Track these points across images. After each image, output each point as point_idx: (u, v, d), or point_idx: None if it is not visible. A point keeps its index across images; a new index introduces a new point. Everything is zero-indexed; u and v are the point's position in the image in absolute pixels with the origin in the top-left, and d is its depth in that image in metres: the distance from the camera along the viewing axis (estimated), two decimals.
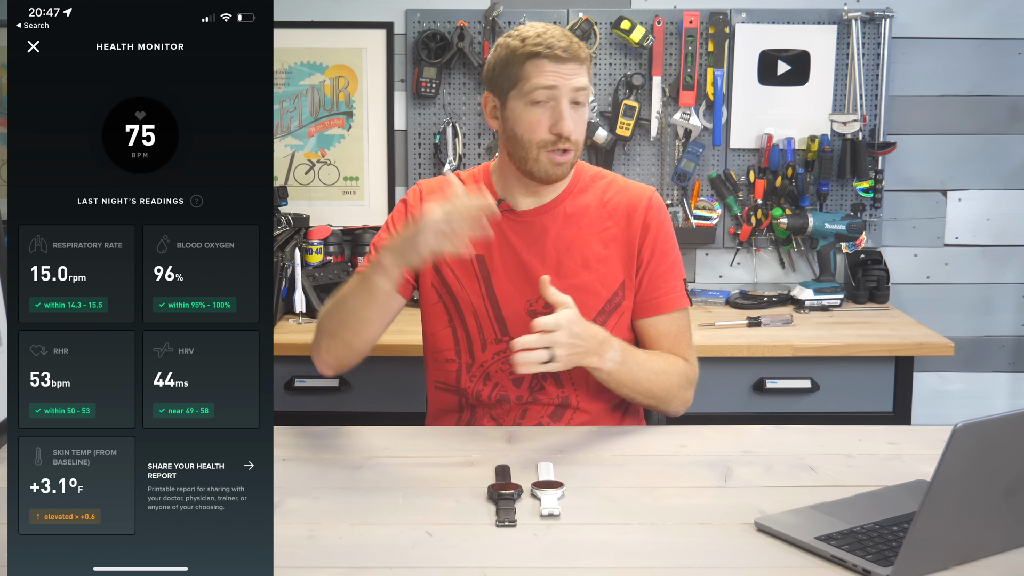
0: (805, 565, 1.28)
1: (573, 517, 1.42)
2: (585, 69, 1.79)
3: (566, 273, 1.85)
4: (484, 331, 1.87)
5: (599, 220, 1.89)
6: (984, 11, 3.12)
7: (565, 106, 1.77)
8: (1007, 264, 3.23)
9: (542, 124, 1.78)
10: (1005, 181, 3.20)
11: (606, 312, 1.86)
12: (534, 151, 1.79)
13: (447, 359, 1.90)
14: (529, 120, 1.78)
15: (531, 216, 1.88)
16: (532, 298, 1.85)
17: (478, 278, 1.87)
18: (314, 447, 1.70)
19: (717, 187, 3.16)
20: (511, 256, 1.87)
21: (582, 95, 1.78)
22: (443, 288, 1.89)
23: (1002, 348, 3.26)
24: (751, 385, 2.68)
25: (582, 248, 1.87)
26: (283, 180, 3.17)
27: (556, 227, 1.87)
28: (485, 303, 1.87)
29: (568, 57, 1.76)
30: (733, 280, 3.22)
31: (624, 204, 1.89)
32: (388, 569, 1.27)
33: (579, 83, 1.77)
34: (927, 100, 3.17)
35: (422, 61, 3.08)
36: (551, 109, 1.77)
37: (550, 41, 1.76)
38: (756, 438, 1.74)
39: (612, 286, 1.87)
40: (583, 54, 1.79)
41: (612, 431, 1.80)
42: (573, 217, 1.88)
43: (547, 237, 1.87)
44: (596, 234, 1.88)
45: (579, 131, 1.80)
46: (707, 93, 3.10)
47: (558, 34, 1.78)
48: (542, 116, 1.78)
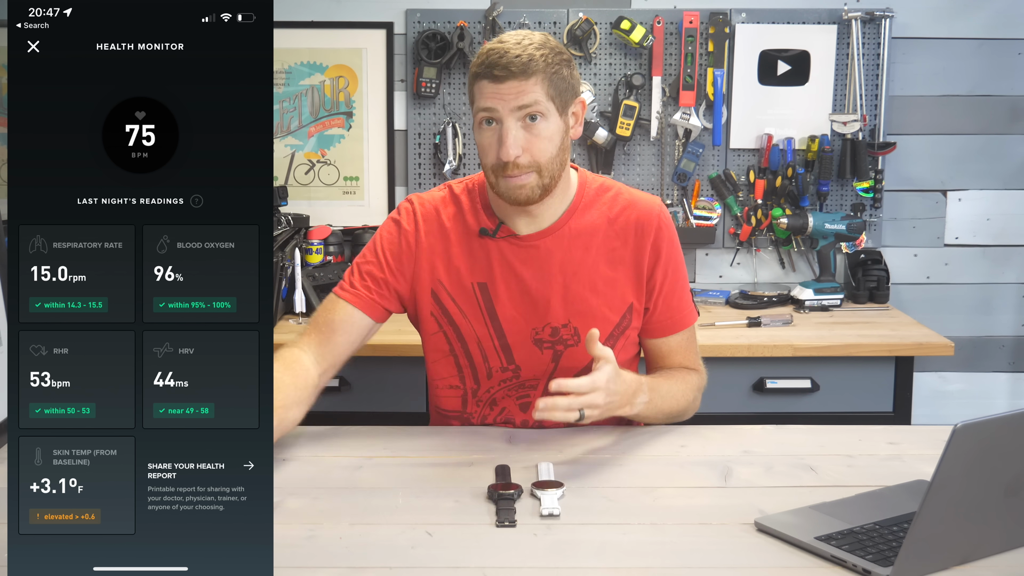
0: (805, 565, 1.28)
1: (573, 517, 1.42)
2: (536, 82, 1.65)
3: (573, 299, 1.78)
4: (489, 360, 1.80)
5: (607, 240, 1.80)
6: (984, 11, 3.12)
7: (509, 128, 1.65)
8: (1007, 264, 3.23)
9: (492, 148, 1.69)
10: (1005, 181, 3.20)
11: (614, 336, 1.80)
12: (491, 176, 1.72)
13: (450, 386, 1.85)
14: (481, 143, 1.71)
15: (535, 240, 1.79)
16: (538, 326, 1.79)
17: (480, 306, 1.79)
18: (314, 447, 1.70)
19: (717, 187, 3.16)
20: (515, 282, 1.79)
21: (534, 109, 1.65)
22: (443, 317, 1.81)
23: (1002, 348, 3.26)
24: (751, 385, 2.68)
25: (589, 272, 1.79)
26: (283, 180, 3.17)
27: (562, 251, 1.79)
28: (489, 331, 1.80)
29: (506, 75, 1.64)
30: (733, 280, 3.22)
31: (633, 223, 1.80)
32: (388, 569, 1.27)
33: (523, 100, 1.64)
34: (927, 100, 3.17)
35: (422, 61, 3.08)
36: (496, 132, 1.68)
37: (492, 59, 1.65)
38: (756, 438, 1.74)
39: (620, 309, 1.80)
40: (534, 67, 1.64)
41: (612, 431, 1.80)
42: (580, 239, 1.79)
43: (552, 261, 1.78)
44: (604, 255, 1.80)
45: (534, 151, 1.67)
46: (707, 93, 3.10)
47: (509, 46, 1.66)
48: (492, 139, 1.68)
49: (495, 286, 1.79)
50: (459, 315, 1.80)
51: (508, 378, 1.81)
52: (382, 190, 3.18)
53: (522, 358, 1.80)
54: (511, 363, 1.80)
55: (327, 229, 3.04)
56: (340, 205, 3.18)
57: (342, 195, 3.18)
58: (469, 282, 1.80)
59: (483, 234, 1.80)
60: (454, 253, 1.80)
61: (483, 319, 1.80)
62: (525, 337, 1.79)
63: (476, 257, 1.80)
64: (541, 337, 1.79)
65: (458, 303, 1.80)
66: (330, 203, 3.18)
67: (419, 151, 3.16)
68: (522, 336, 1.79)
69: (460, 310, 1.80)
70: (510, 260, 1.79)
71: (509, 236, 1.79)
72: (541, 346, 1.79)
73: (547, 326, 1.78)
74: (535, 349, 1.79)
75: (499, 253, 1.79)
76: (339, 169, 3.18)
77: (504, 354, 1.80)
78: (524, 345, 1.80)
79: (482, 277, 1.79)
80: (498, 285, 1.79)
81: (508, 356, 1.80)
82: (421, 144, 3.16)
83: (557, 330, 1.79)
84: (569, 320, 1.78)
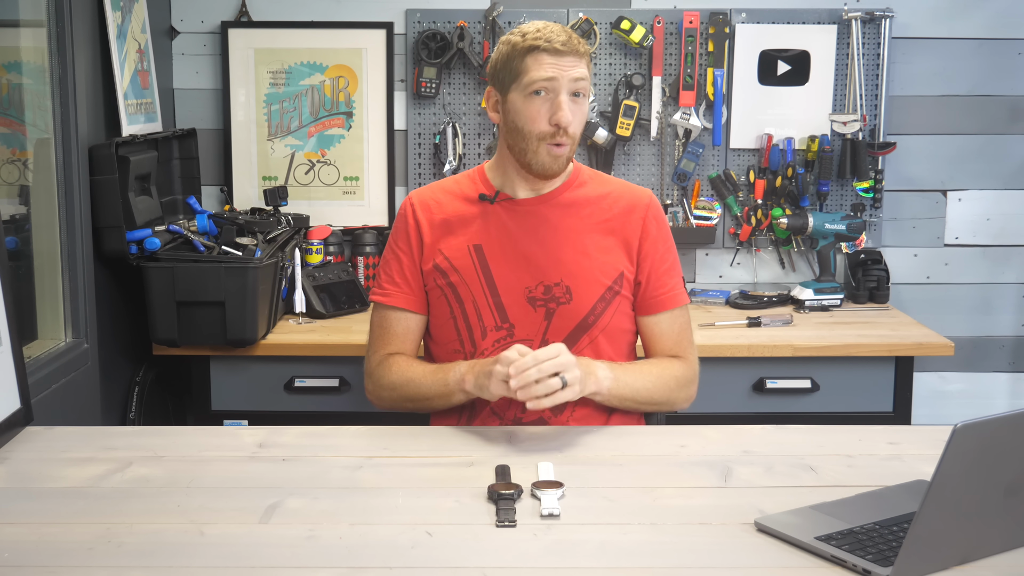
0: (805, 565, 1.28)
1: (573, 517, 1.42)
2: (584, 62, 1.84)
3: (565, 259, 1.88)
4: (484, 319, 1.89)
5: (598, 211, 1.93)
6: (984, 11, 3.12)
7: (564, 98, 1.81)
8: (1007, 264, 3.23)
9: (541, 115, 1.82)
10: (1005, 181, 3.20)
11: (606, 300, 1.90)
12: (534, 143, 1.84)
13: (454, 350, 1.92)
14: (529, 112, 1.83)
15: (530, 205, 1.92)
16: (531, 284, 1.88)
17: (476, 266, 1.90)
18: (314, 447, 1.70)
19: (717, 187, 3.16)
20: (509, 243, 1.90)
21: (581, 86, 1.83)
22: (443, 279, 1.92)
23: (1002, 348, 3.26)
24: (751, 385, 2.68)
25: (582, 237, 1.90)
26: (283, 180, 3.16)
27: (555, 216, 1.91)
28: (484, 290, 1.89)
29: (567, 50, 1.81)
30: (733, 280, 3.22)
31: (624, 199, 1.95)
32: (388, 569, 1.27)
33: (578, 74, 1.82)
34: (927, 100, 3.17)
35: (422, 61, 3.08)
36: (550, 101, 1.82)
37: (549, 35, 1.82)
38: (756, 438, 1.74)
39: (611, 275, 1.90)
40: (582, 48, 1.84)
41: (612, 431, 1.80)
42: (572, 207, 1.92)
43: (546, 225, 1.90)
44: (595, 224, 1.92)
45: (577, 123, 1.85)
46: (707, 93, 3.10)
47: (557, 29, 1.84)
48: (541, 108, 1.82)
49: (491, 246, 1.90)
50: (456, 277, 1.91)
51: (502, 337, 1.88)
52: (382, 190, 3.18)
53: (516, 316, 1.87)
54: (505, 322, 1.88)
55: (327, 229, 3.04)
56: (340, 205, 3.18)
57: (342, 195, 3.18)
58: (465, 245, 1.91)
59: (482, 199, 1.93)
60: (452, 223, 1.92)
61: (478, 279, 1.90)
62: (519, 296, 1.88)
63: (473, 222, 1.91)
64: (534, 295, 1.88)
65: (455, 265, 1.90)
66: (330, 203, 3.18)
67: (419, 151, 3.16)
68: (516, 295, 1.88)
69: (457, 272, 1.91)
70: (505, 222, 1.90)
71: (505, 199, 1.92)
72: (535, 304, 1.86)
73: (540, 284, 1.87)
74: (528, 307, 1.87)
75: (496, 216, 1.91)
76: (339, 169, 3.17)
77: (498, 313, 1.89)
78: (518, 304, 1.88)
79: (477, 239, 1.89)
80: (493, 245, 1.90)
81: (502, 315, 1.88)
82: (421, 144, 3.16)
83: (550, 288, 1.88)
84: (562, 279, 1.88)
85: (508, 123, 1.88)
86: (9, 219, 2.27)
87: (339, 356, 2.64)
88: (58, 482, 1.54)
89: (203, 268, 2.54)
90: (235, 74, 3.12)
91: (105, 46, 2.58)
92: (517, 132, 1.86)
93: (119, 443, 1.71)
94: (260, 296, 2.57)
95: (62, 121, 2.32)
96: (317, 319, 2.83)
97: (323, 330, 2.75)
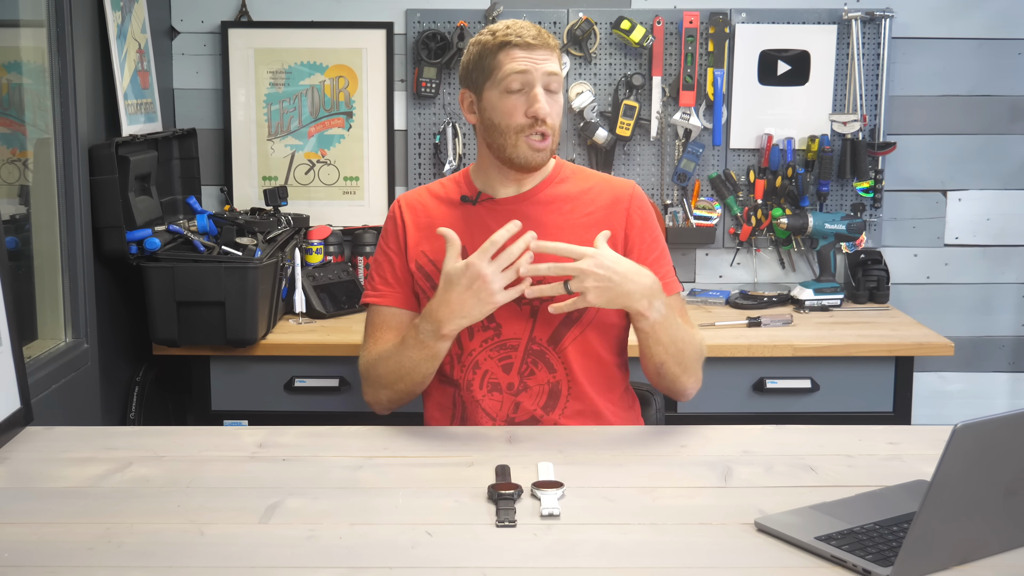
0: (805, 565, 1.28)
1: (573, 517, 1.42)
2: (555, 56, 1.85)
3: (548, 256, 1.83)
4: None
5: (581, 206, 1.92)
6: (984, 11, 3.12)
7: (539, 90, 1.82)
8: (1007, 264, 3.23)
9: (518, 109, 1.83)
10: (1005, 181, 3.20)
11: None
12: (512, 137, 1.84)
13: None
14: (505, 107, 1.84)
15: (511, 203, 1.91)
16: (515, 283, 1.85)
17: None
18: (314, 447, 1.70)
19: (717, 187, 3.16)
20: None
21: (554, 81, 1.84)
22: (426, 282, 1.92)
23: (1002, 348, 3.26)
24: (751, 385, 2.68)
25: (564, 233, 1.87)
26: (283, 180, 3.16)
27: (536, 213, 1.90)
28: None
29: (538, 43, 1.83)
30: (733, 280, 3.22)
31: (607, 193, 1.94)
32: (388, 569, 1.27)
33: (550, 67, 1.83)
34: (927, 100, 3.17)
35: (422, 61, 3.08)
36: (525, 95, 1.83)
37: (519, 31, 1.83)
38: (756, 438, 1.74)
39: None
40: (552, 42, 1.85)
41: (612, 431, 1.80)
42: (554, 204, 1.92)
43: (528, 223, 1.85)
44: (578, 219, 1.91)
45: (555, 115, 1.85)
46: (707, 93, 3.10)
47: (527, 25, 1.86)
48: (517, 102, 1.83)
49: (474, 248, 1.84)
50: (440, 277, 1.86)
51: (489, 337, 1.88)
52: (382, 190, 3.18)
53: (501, 315, 1.86)
54: (491, 321, 1.87)
55: (327, 229, 3.04)
56: (340, 205, 3.18)
57: (342, 195, 3.18)
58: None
59: (464, 200, 1.94)
60: (436, 224, 1.91)
61: None
62: None
63: (456, 225, 1.89)
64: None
65: (438, 266, 1.87)
66: (330, 203, 3.18)
67: (419, 151, 3.16)
68: None
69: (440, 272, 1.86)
70: (487, 222, 1.89)
71: (487, 200, 1.93)
72: (519, 301, 1.84)
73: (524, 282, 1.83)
74: (513, 305, 1.85)
75: (478, 217, 1.91)
76: (339, 169, 3.17)
77: None
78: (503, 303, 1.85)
79: (462, 240, 1.85)
80: (477, 245, 1.84)
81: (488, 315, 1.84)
82: (421, 144, 3.16)
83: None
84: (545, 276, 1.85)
85: (485, 121, 1.88)
86: (9, 219, 2.27)
87: (339, 356, 2.64)
88: (58, 482, 1.54)
89: (203, 268, 2.54)
90: (235, 74, 3.12)
91: (105, 46, 2.58)
92: (495, 129, 1.86)
93: (119, 443, 1.71)
94: (260, 296, 2.57)
95: (62, 121, 2.32)
96: (317, 319, 2.84)
97: (323, 330, 2.75)
